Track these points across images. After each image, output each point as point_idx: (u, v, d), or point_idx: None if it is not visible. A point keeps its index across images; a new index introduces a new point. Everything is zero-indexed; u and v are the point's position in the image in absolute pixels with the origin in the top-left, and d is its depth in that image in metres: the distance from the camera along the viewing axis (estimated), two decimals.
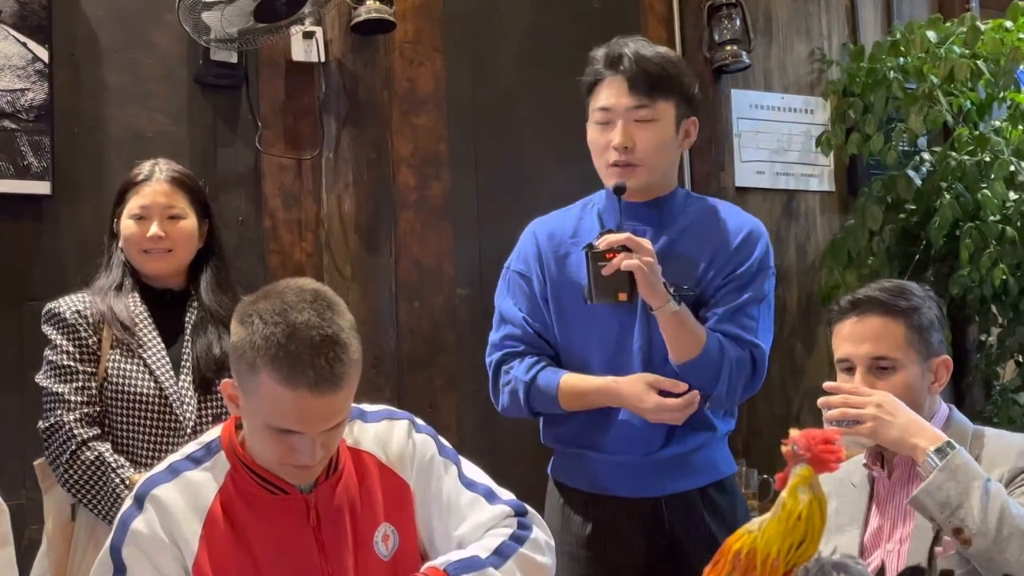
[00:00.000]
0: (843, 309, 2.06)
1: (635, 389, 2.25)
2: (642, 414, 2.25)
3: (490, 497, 1.91)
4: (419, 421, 1.95)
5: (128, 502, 1.76)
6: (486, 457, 3.78)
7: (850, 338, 2.04)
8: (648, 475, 2.32)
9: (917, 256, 4.00)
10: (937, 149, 4.09)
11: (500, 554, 1.81)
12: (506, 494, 1.94)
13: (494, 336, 2.44)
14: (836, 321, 2.08)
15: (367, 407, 1.93)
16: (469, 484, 1.91)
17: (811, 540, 1.18)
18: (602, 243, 2.18)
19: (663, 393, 2.24)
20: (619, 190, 2.27)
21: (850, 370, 2.04)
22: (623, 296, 2.18)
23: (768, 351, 2.33)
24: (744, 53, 4.12)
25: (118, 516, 1.76)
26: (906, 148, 4.10)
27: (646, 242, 2.18)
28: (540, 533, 1.89)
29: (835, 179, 4.42)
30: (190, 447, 1.83)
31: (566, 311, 2.36)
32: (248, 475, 1.76)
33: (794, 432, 1.24)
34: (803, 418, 4.26)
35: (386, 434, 1.89)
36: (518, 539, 1.85)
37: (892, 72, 3.98)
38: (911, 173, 3.95)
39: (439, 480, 1.89)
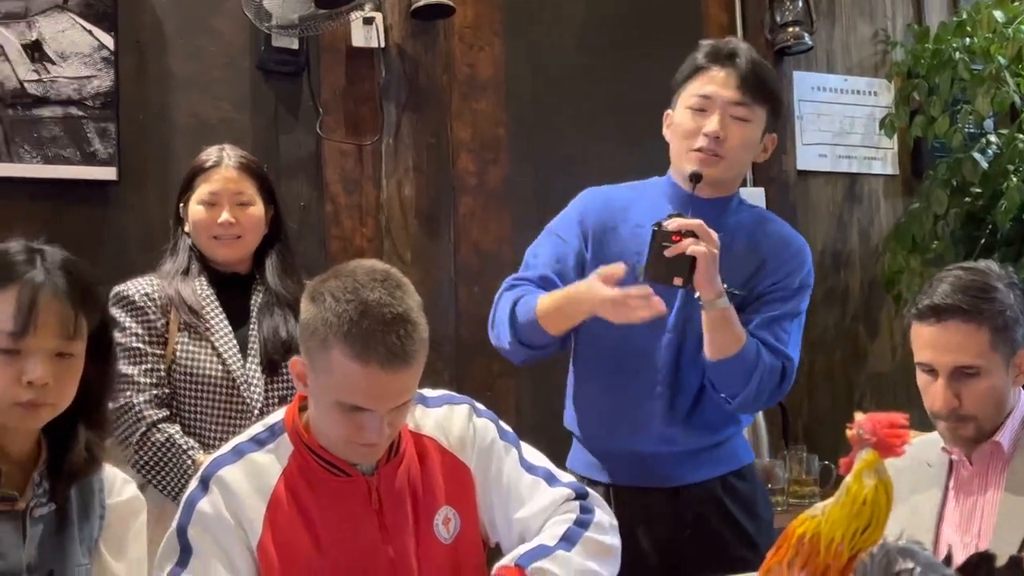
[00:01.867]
0: (923, 313, 1.98)
1: (589, 284, 2.19)
2: (603, 312, 2.18)
3: (550, 480, 1.92)
4: (479, 405, 1.97)
5: (194, 483, 1.79)
6: (545, 442, 3.79)
7: (932, 345, 1.97)
8: (669, 466, 2.32)
9: (983, 240, 3.92)
10: (1004, 131, 4.00)
11: (568, 540, 1.83)
12: (566, 477, 1.96)
13: (508, 277, 2.42)
14: (916, 321, 2.00)
15: (428, 392, 1.95)
16: (529, 468, 1.93)
17: (876, 525, 1.17)
18: (672, 224, 2.15)
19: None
20: (695, 177, 2.27)
21: (931, 372, 1.98)
22: (679, 281, 2.15)
23: (796, 365, 2.32)
24: (806, 34, 4.08)
25: (184, 497, 1.79)
26: (972, 130, 4.03)
27: (714, 234, 2.16)
28: (602, 515, 1.90)
29: (899, 162, 4.36)
30: (254, 429, 1.86)
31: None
32: (311, 457, 1.78)
33: (859, 416, 1.23)
34: (865, 404, 4.22)
35: (447, 419, 1.91)
36: (582, 523, 1.86)
37: (958, 53, 3.90)
38: (977, 156, 3.87)
39: (499, 463, 1.91)
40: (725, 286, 2.18)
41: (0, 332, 1.62)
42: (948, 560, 0.93)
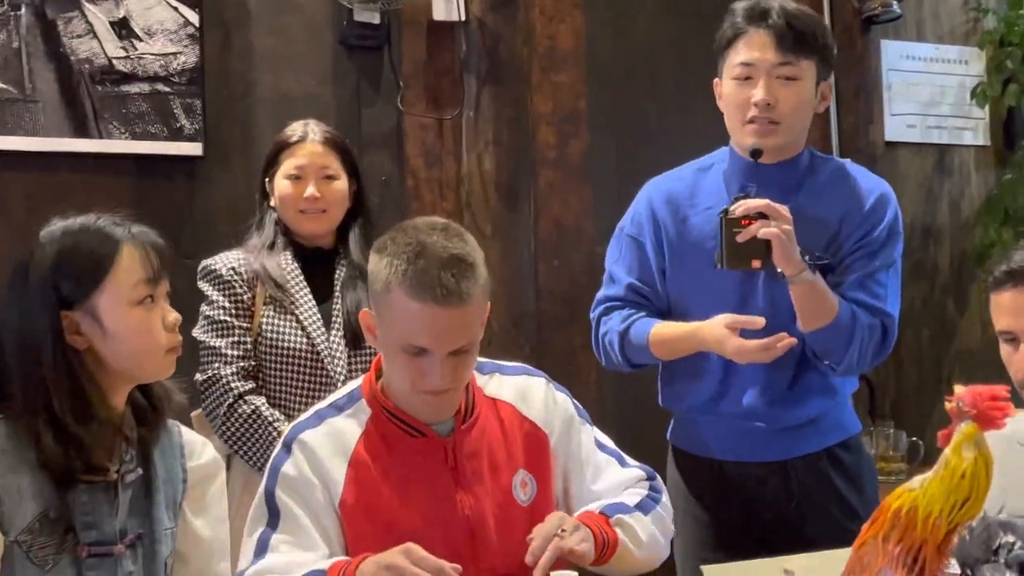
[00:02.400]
0: (999, 279, 1.94)
1: (716, 333, 2.20)
2: (724, 352, 2.21)
3: (621, 461, 2.00)
4: (554, 382, 2.01)
5: (277, 448, 1.85)
6: (626, 417, 3.79)
7: (1010, 310, 1.93)
8: (774, 440, 2.28)
9: None
10: None
11: (642, 508, 1.91)
12: (633, 460, 2.01)
13: (599, 294, 2.44)
14: (993, 291, 1.97)
15: (503, 363, 2.00)
16: (602, 447, 1.99)
17: (976, 499, 1.14)
18: (738, 208, 2.12)
19: (747, 335, 2.19)
20: (756, 154, 2.22)
21: (1012, 341, 1.94)
22: (757, 263, 2.13)
23: (897, 318, 2.26)
24: (895, 2, 3.99)
25: (269, 462, 1.84)
26: None
27: (784, 209, 2.12)
28: (666, 500, 1.99)
29: (991, 132, 4.27)
30: (333, 396, 1.92)
31: (685, 275, 2.32)
32: (388, 419, 1.84)
33: (959, 388, 1.20)
34: (953, 381, 4.14)
35: (525, 388, 1.96)
36: (654, 500, 1.94)
37: None
38: None
39: (578, 436, 1.96)
40: (806, 258, 2.14)
41: (139, 281, 1.70)
42: None
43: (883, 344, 2.24)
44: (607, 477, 1.95)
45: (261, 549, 1.76)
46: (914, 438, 3.52)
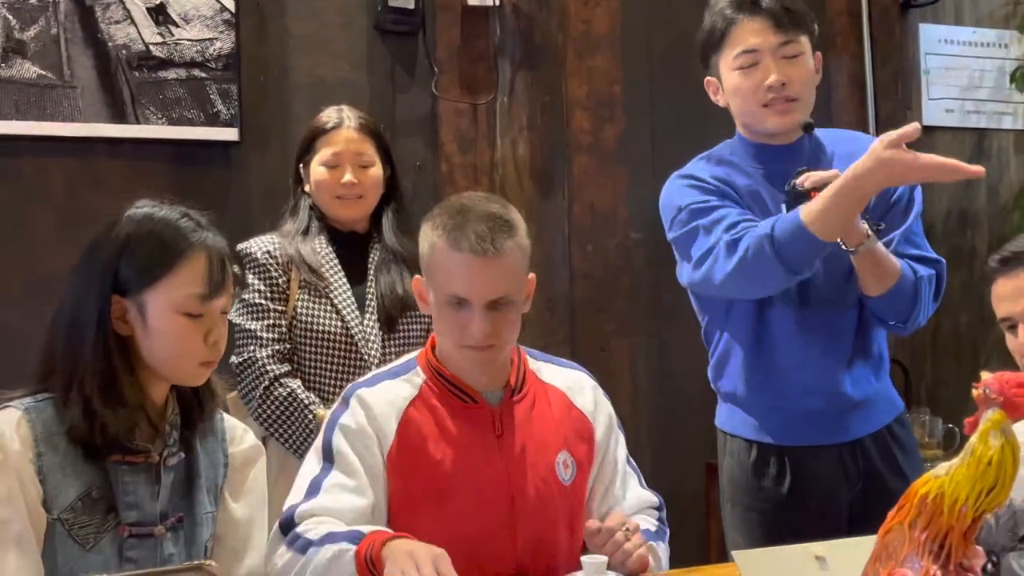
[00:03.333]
0: (994, 268, 1.99)
1: (876, 156, 1.96)
2: (898, 173, 1.97)
3: (640, 481, 2.08)
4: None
5: (336, 403, 1.93)
6: (658, 402, 3.79)
7: (1007, 296, 1.96)
8: (839, 420, 2.25)
9: None
10: None
11: (658, 537, 1.97)
12: (646, 485, 2.08)
13: (708, 238, 2.20)
14: (991, 280, 2.00)
15: (557, 358, 2.09)
16: (628, 461, 2.07)
17: (1003, 487, 1.13)
18: (806, 180, 2.11)
19: None
20: (808, 127, 2.23)
21: (1012, 328, 1.97)
22: None
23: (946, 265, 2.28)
24: None
25: (328, 415, 1.91)
26: None
27: None
28: (668, 534, 2.04)
29: None
30: (390, 365, 2.02)
31: None
32: (442, 383, 1.93)
33: (986, 375, 1.20)
34: (990, 368, 4.09)
35: (577, 381, 2.05)
36: (663, 534, 2.01)
37: None
38: None
39: (616, 440, 2.04)
40: (866, 227, 2.10)
41: (193, 295, 1.70)
42: None
43: (938, 292, 2.26)
44: (631, 491, 2.03)
45: (314, 489, 1.83)
46: (950, 425, 3.50)
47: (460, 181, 3.51)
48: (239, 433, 1.89)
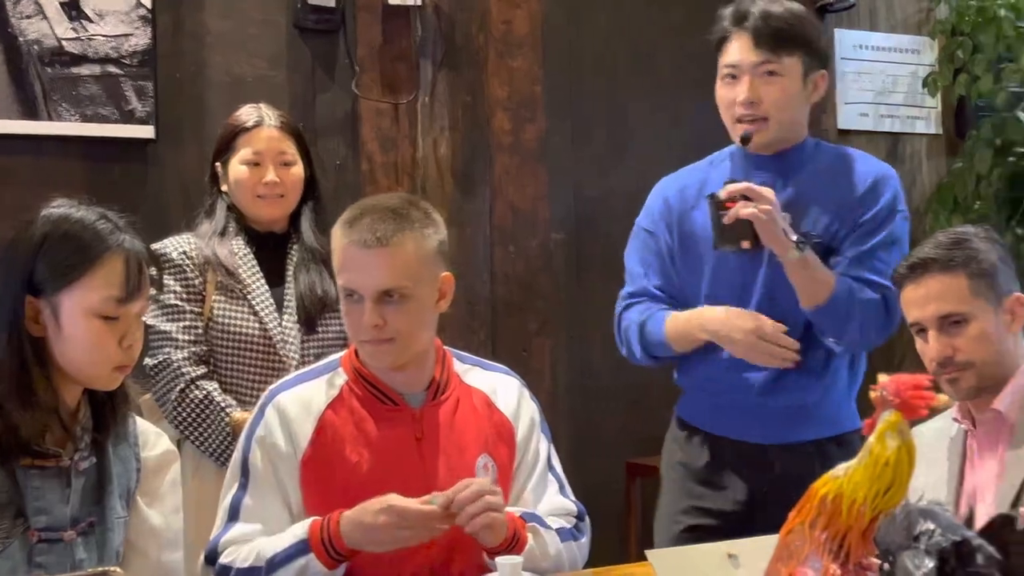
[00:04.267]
0: (903, 274, 2.04)
1: (732, 310, 2.29)
2: (733, 338, 2.28)
3: (562, 489, 2.07)
4: (529, 390, 2.11)
5: (255, 410, 1.94)
6: (578, 402, 3.80)
7: (915, 302, 2.01)
8: (760, 422, 2.33)
9: None
10: None
11: (560, 533, 1.97)
12: (571, 494, 2.08)
13: (623, 290, 2.50)
14: (900, 286, 2.05)
15: (486, 361, 2.11)
16: (551, 468, 2.07)
17: (899, 486, 1.16)
18: (723, 192, 2.22)
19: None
20: (745, 140, 2.30)
21: (922, 331, 2.02)
22: (746, 244, 2.22)
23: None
24: None
25: (247, 425, 1.92)
26: (1017, 89, 3.96)
27: (767, 191, 2.20)
28: (586, 541, 2.04)
29: (942, 121, 4.32)
30: (312, 365, 2.05)
31: (693, 262, 2.39)
32: (363, 384, 1.94)
33: (883, 377, 1.23)
34: (905, 366, 4.18)
35: (503, 384, 2.06)
36: (574, 535, 2.01)
37: (1003, 10, 3.86)
38: (1022, 115, 3.84)
39: (537, 445, 2.05)
40: (801, 235, 2.21)
41: (108, 298, 1.67)
42: (970, 522, 0.92)
43: (887, 318, 2.29)
44: (548, 496, 2.03)
45: (232, 515, 1.87)
46: (862, 424, 3.56)
47: (381, 180, 3.50)
48: (152, 438, 1.86)
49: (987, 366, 1.98)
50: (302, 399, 1.92)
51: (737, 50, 2.32)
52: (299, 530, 1.81)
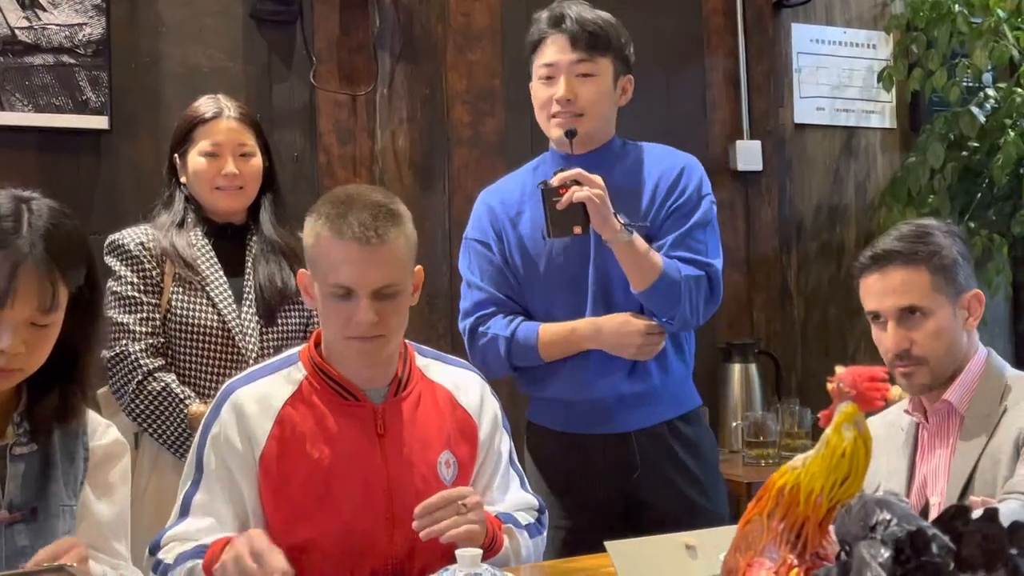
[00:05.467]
0: (865, 264, 2.08)
1: (617, 316, 2.40)
2: (624, 347, 2.39)
3: (523, 483, 2.12)
4: (490, 386, 2.13)
5: (211, 405, 1.94)
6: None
7: (876, 292, 2.05)
8: (619, 411, 2.45)
9: (979, 195, 3.93)
10: (1002, 85, 4.00)
11: (529, 531, 2.03)
12: (530, 488, 2.14)
13: (464, 303, 2.56)
14: (860, 276, 2.09)
15: (446, 355, 2.12)
16: (513, 463, 2.11)
17: (855, 477, 1.17)
18: (555, 179, 2.30)
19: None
20: (571, 134, 2.41)
21: (878, 319, 2.06)
22: (578, 230, 2.31)
23: (721, 270, 2.46)
24: None
25: (203, 420, 1.91)
26: (970, 84, 4.01)
27: (596, 177, 2.30)
28: (546, 534, 2.11)
29: (897, 116, 4.36)
30: (270, 359, 2.03)
31: (527, 264, 2.49)
32: (323, 380, 1.92)
33: (840, 369, 1.24)
34: (858, 358, 4.24)
35: (464, 379, 2.07)
36: (539, 529, 2.07)
37: (957, 6, 3.89)
38: (975, 110, 3.87)
39: (500, 441, 2.07)
40: (623, 221, 2.31)
41: None
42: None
43: (711, 293, 2.44)
44: (511, 492, 2.07)
45: (184, 510, 1.88)
46: (818, 415, 3.60)
47: (339, 172, 3.49)
48: (101, 428, 1.85)
49: (940, 361, 2.02)
50: (260, 395, 1.90)
51: (554, 51, 2.45)
52: (212, 538, 1.81)
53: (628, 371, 2.44)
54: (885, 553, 0.88)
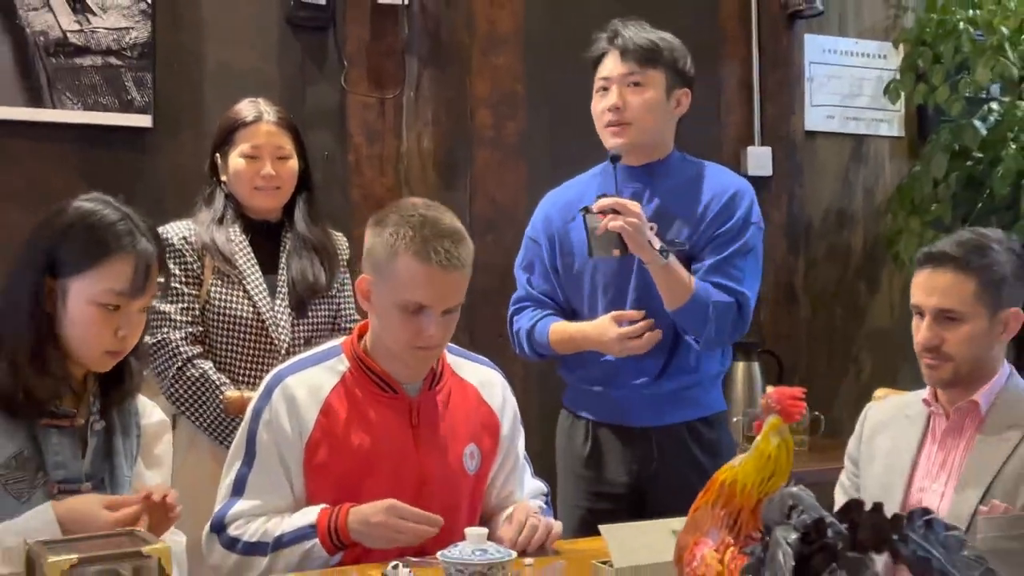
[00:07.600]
0: (920, 260, 2.17)
1: (599, 326, 2.56)
2: (607, 349, 2.56)
3: (531, 472, 2.32)
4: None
5: (259, 392, 2.09)
6: (550, 387, 3.94)
7: (923, 287, 2.14)
8: (642, 408, 2.60)
9: (980, 204, 4.00)
10: (1006, 99, 4.07)
11: (544, 514, 2.23)
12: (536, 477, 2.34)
13: (514, 295, 2.80)
14: (916, 269, 2.19)
15: (470, 352, 2.28)
16: (524, 455, 2.30)
17: (779, 475, 1.44)
18: (595, 206, 2.45)
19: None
20: (615, 159, 2.54)
21: (919, 313, 2.16)
22: (617, 252, 2.46)
23: (754, 298, 2.59)
24: None
25: (250, 406, 2.08)
26: (971, 96, 4.04)
27: (634, 205, 2.43)
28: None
29: (905, 125, 4.44)
30: (313, 351, 2.17)
31: (573, 268, 2.65)
32: (365, 373, 2.08)
33: (769, 388, 1.49)
34: (862, 359, 4.36)
35: (488, 377, 2.25)
36: (548, 512, 2.27)
37: (963, 23, 3.96)
38: (977, 123, 3.94)
39: (517, 438, 2.27)
40: (665, 243, 2.45)
41: (110, 290, 1.85)
42: (846, 508, 1.15)
43: (740, 319, 2.57)
44: (525, 483, 2.27)
45: (237, 489, 2.03)
46: (816, 412, 3.73)
47: (367, 172, 3.64)
48: (148, 408, 2.06)
49: (965, 364, 2.11)
50: (308, 384, 2.06)
51: (609, 65, 2.61)
52: (310, 515, 1.98)
53: (659, 369, 2.58)
54: (794, 536, 1.11)
